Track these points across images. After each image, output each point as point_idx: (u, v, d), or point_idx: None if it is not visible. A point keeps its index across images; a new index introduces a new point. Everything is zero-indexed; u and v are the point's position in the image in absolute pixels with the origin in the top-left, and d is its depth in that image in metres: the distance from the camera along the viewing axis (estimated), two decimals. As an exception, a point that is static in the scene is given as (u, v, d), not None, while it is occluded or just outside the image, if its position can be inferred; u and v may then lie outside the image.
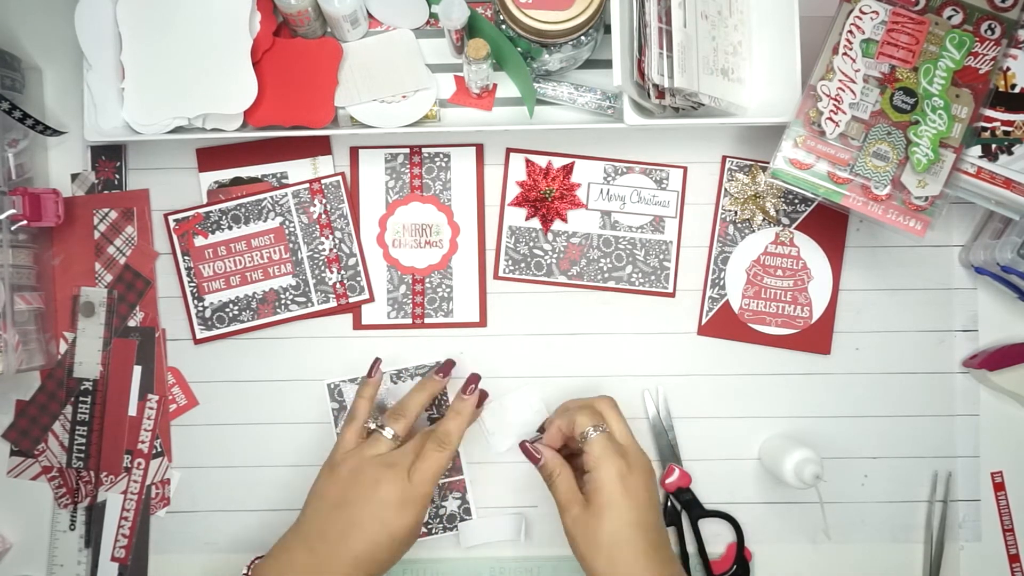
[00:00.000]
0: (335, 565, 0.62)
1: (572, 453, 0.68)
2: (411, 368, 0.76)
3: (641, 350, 0.76)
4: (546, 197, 0.75)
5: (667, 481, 0.74)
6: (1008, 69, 0.67)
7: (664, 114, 0.71)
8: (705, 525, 0.75)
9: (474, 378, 0.70)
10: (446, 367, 0.72)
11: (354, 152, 0.76)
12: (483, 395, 0.73)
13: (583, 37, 0.68)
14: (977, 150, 0.67)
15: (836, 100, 0.67)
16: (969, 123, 0.66)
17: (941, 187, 0.66)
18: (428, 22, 0.74)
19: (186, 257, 0.75)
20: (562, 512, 0.64)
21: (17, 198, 0.70)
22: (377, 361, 0.72)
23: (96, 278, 0.76)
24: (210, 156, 0.76)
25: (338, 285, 0.76)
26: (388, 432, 0.68)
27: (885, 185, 0.66)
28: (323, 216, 0.76)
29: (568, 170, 0.76)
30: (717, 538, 0.75)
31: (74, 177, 0.76)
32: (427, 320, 0.76)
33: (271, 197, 0.75)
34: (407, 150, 0.76)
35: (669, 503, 0.75)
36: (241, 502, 0.76)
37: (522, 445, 0.68)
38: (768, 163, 0.68)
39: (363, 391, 0.70)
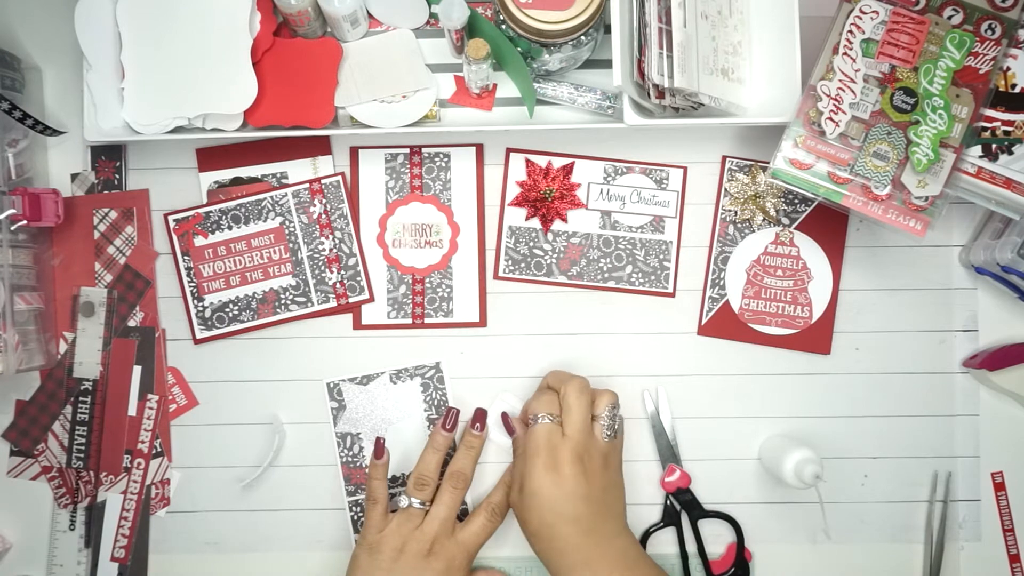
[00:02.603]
0: None
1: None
2: (411, 368, 0.76)
3: (641, 350, 0.76)
4: (546, 197, 0.75)
5: (667, 480, 0.74)
6: (1008, 69, 0.67)
7: (664, 114, 0.71)
8: (705, 525, 0.75)
9: (481, 414, 0.73)
10: (450, 419, 0.72)
11: (354, 152, 0.76)
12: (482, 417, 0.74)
13: (583, 37, 0.68)
14: (977, 150, 0.67)
15: (836, 100, 0.67)
16: (969, 123, 0.66)
17: (941, 187, 0.66)
18: (428, 22, 0.74)
19: (186, 257, 0.75)
20: (510, 488, 0.70)
21: (17, 198, 0.69)
22: (380, 441, 0.72)
23: (96, 278, 0.76)
24: (210, 156, 0.76)
25: (338, 285, 0.76)
26: (417, 503, 0.70)
27: (885, 185, 0.66)
28: (323, 216, 0.76)
29: (568, 170, 0.76)
30: (717, 538, 0.75)
31: (74, 177, 0.76)
32: (427, 320, 0.76)
33: (271, 197, 0.75)
34: (407, 150, 0.76)
35: (669, 503, 0.75)
36: (241, 502, 0.76)
37: (503, 416, 0.73)
38: (768, 163, 0.68)
39: (375, 473, 0.71)
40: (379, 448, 0.71)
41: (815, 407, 0.76)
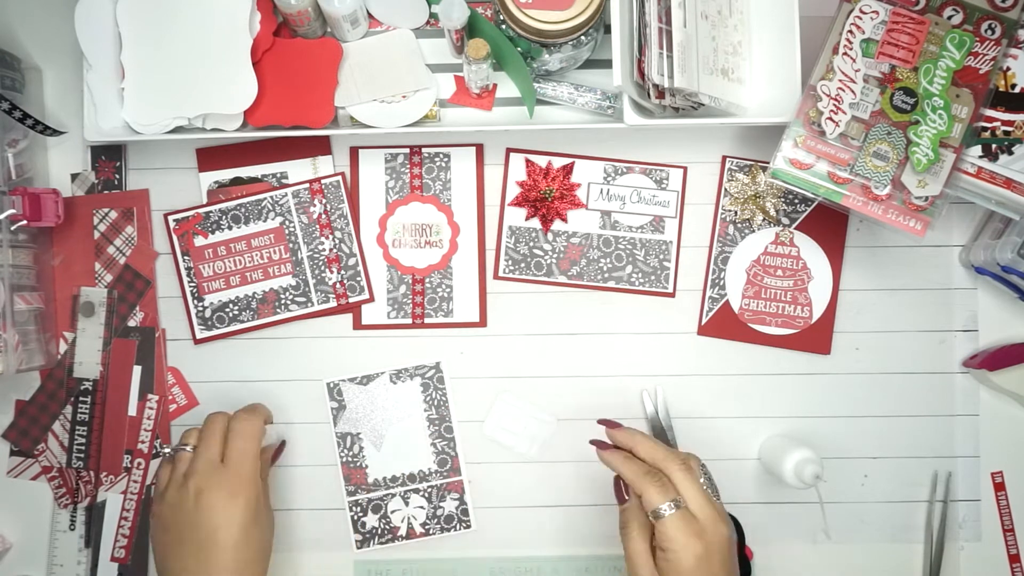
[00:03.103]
0: None
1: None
2: (411, 368, 0.76)
3: (641, 350, 0.76)
4: (546, 197, 0.75)
5: None
6: (1008, 69, 0.67)
7: (664, 114, 0.71)
8: None
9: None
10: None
11: (354, 152, 0.76)
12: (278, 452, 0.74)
13: (583, 37, 0.68)
14: (977, 150, 0.67)
15: (836, 100, 0.67)
16: (969, 123, 0.66)
17: (941, 187, 0.66)
18: (428, 22, 0.74)
19: (186, 257, 0.75)
20: (629, 536, 0.62)
21: (17, 198, 0.69)
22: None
23: (96, 278, 0.76)
24: (210, 156, 0.76)
25: (338, 285, 0.76)
26: (188, 448, 0.66)
27: (885, 185, 0.66)
28: (323, 216, 0.76)
29: (568, 170, 0.76)
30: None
31: (74, 177, 0.76)
32: (427, 320, 0.76)
33: (271, 197, 0.75)
34: (407, 150, 0.76)
35: None
36: (241, 502, 0.76)
37: (615, 481, 0.65)
38: (768, 163, 0.68)
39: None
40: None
41: (815, 407, 0.76)
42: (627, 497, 0.64)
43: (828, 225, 0.76)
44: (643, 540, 0.61)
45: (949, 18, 0.66)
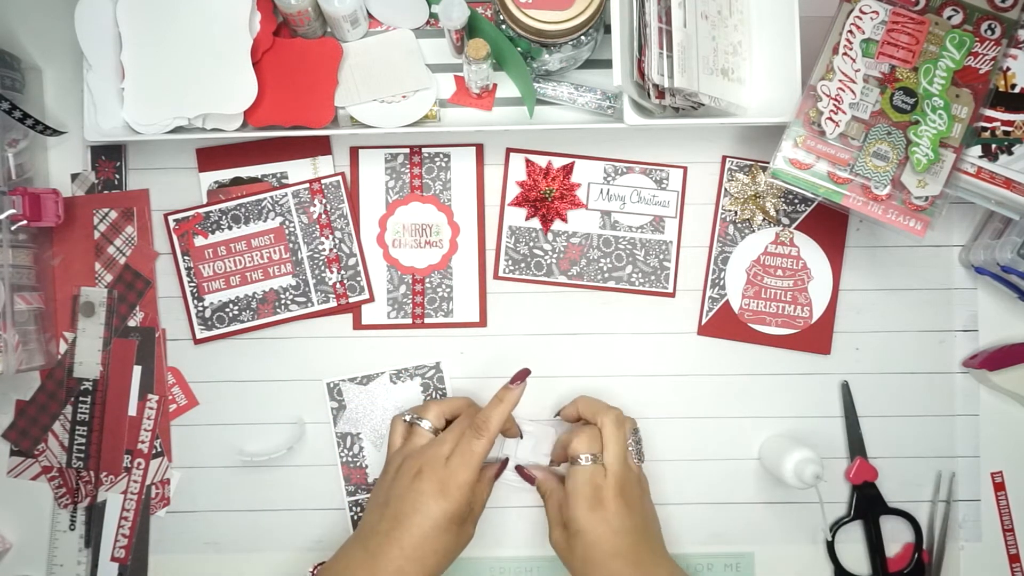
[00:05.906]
0: (386, 559, 0.63)
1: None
2: (411, 368, 0.76)
3: (641, 350, 0.76)
4: (546, 197, 0.75)
5: (850, 475, 0.74)
6: (1008, 69, 0.67)
7: (664, 114, 0.71)
8: (885, 522, 0.74)
9: (524, 372, 0.69)
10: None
11: (354, 152, 0.76)
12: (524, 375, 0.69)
13: (583, 37, 0.68)
14: (977, 150, 0.67)
15: (836, 100, 0.67)
16: (969, 123, 0.66)
17: (941, 187, 0.66)
18: (428, 22, 0.74)
19: (186, 257, 0.75)
20: (550, 529, 0.68)
21: (17, 198, 0.70)
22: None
23: (96, 278, 0.76)
24: (210, 156, 0.76)
25: (338, 285, 0.76)
26: (425, 424, 0.69)
27: (885, 185, 0.66)
28: (323, 216, 0.76)
29: (568, 170, 0.76)
30: (898, 535, 0.75)
31: (74, 177, 0.76)
32: (427, 320, 0.76)
33: (271, 197, 0.75)
34: (407, 150, 0.76)
35: (854, 497, 0.74)
36: (241, 502, 0.76)
37: (517, 468, 0.73)
38: (768, 163, 0.68)
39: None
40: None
41: (815, 407, 0.76)
42: (533, 477, 0.72)
43: (828, 225, 0.76)
44: (556, 500, 0.68)
45: (949, 18, 0.66)
